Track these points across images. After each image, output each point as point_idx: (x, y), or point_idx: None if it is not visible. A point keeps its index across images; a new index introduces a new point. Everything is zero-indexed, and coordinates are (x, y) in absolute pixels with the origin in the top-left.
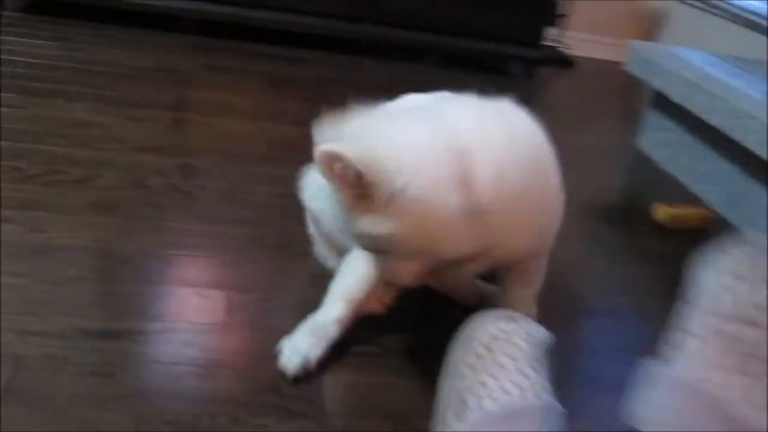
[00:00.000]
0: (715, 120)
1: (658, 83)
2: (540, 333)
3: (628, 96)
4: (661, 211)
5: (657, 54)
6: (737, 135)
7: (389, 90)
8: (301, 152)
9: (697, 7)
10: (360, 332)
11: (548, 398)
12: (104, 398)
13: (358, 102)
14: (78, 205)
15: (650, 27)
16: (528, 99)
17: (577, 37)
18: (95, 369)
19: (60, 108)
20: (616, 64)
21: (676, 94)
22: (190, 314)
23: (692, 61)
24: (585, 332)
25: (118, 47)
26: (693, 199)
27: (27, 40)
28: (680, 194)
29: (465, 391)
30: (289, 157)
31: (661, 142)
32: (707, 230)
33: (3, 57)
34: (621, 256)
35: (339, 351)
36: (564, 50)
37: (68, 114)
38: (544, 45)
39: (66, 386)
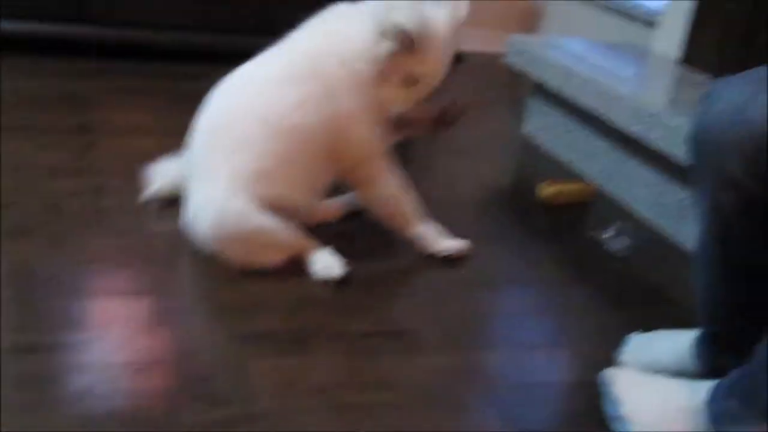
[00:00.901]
0: (586, 102)
1: (535, 72)
2: None
3: (516, 85)
4: (545, 189)
5: (532, 45)
6: (606, 114)
7: None
8: None
9: None
10: (271, 319)
11: None
12: (47, 403)
13: None
14: None
15: (532, 20)
16: None
17: (464, 32)
18: (35, 378)
19: None
20: (503, 56)
21: (552, 81)
22: (119, 321)
23: (564, 49)
24: (496, 301)
25: (21, 75)
26: (577, 177)
27: None
28: (567, 173)
29: None
30: None
31: (543, 127)
32: (589, 203)
33: None
34: (513, 234)
35: (256, 339)
36: None
37: None
38: None
39: (8, 396)
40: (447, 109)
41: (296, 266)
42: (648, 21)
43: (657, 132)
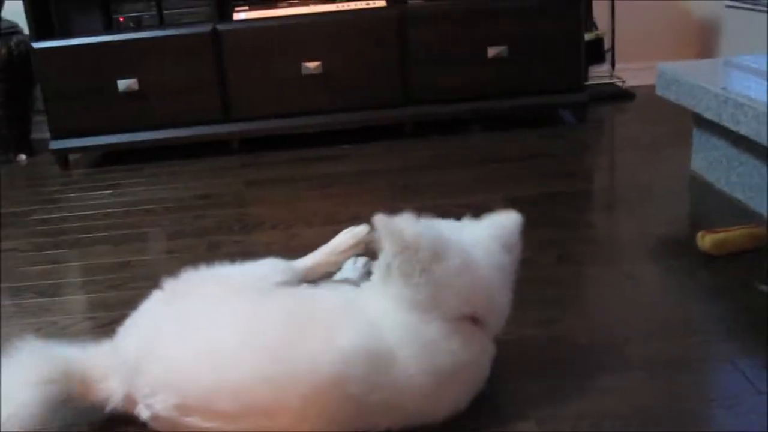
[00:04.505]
0: (744, 129)
1: (689, 102)
2: None
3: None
4: (705, 240)
5: (681, 73)
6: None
7: (432, 168)
8: None
9: (746, 9)
10: None
11: None
12: None
13: None
14: None
15: (706, 39)
16: (582, 144)
17: (633, 67)
18: None
19: (104, 254)
20: None
21: (706, 109)
22: None
23: (717, 72)
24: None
25: (167, 182)
26: (749, 219)
27: (84, 193)
28: (740, 215)
29: None
30: None
31: (712, 163)
32: (761, 249)
33: (59, 215)
34: (674, 295)
35: None
36: (619, 84)
37: (110, 258)
38: (591, 85)
39: None
40: None
41: None
42: None
43: None
